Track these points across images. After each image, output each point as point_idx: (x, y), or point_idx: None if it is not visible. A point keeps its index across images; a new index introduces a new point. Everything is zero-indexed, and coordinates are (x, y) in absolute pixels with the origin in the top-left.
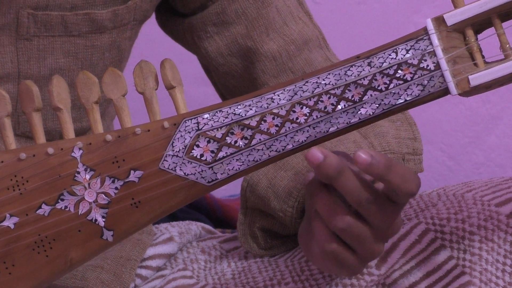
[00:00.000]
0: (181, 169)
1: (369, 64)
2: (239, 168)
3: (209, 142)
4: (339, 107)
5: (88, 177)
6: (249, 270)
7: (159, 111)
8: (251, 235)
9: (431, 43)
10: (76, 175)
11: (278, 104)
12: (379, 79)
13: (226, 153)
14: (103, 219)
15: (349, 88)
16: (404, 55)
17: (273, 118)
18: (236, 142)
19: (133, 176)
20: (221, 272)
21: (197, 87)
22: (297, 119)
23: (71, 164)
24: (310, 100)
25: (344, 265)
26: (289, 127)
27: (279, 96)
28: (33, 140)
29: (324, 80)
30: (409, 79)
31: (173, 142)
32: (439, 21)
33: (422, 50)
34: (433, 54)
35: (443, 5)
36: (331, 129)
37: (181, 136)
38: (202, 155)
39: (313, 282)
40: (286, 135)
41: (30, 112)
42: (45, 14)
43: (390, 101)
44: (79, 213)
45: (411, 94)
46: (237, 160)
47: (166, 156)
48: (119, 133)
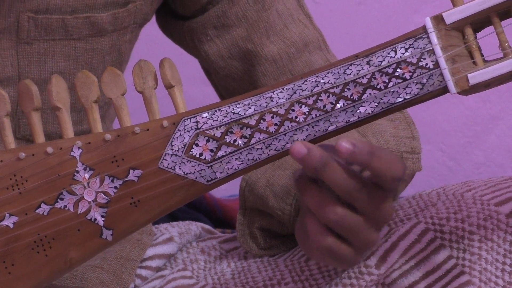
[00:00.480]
0: (180, 168)
1: (368, 62)
2: (238, 167)
3: (208, 141)
4: (338, 105)
5: (87, 176)
6: (248, 270)
7: (158, 110)
8: (250, 235)
9: (430, 42)
10: (75, 174)
11: (277, 103)
12: (378, 78)
13: (225, 152)
14: (103, 219)
15: (348, 86)
16: (403, 54)
17: (272, 117)
18: (235, 141)
19: (132, 175)
20: (220, 272)
21: (196, 87)
22: (296, 118)
23: (70, 163)
24: (309, 99)
25: (340, 258)
26: (288, 126)
27: (278, 95)
28: (33, 142)
29: (323, 79)
30: (408, 77)
31: (172, 141)
32: (438, 20)
33: (421, 48)
34: (432, 52)
35: (443, 5)
36: (330, 128)
37: (180, 135)
38: (201, 154)
39: (313, 282)
40: (285, 134)
41: (29, 111)
42: (46, 17)
43: (389, 100)
44: (79, 212)
45: (410, 92)
46: (236, 159)
47: (165, 155)
48: (118, 132)
